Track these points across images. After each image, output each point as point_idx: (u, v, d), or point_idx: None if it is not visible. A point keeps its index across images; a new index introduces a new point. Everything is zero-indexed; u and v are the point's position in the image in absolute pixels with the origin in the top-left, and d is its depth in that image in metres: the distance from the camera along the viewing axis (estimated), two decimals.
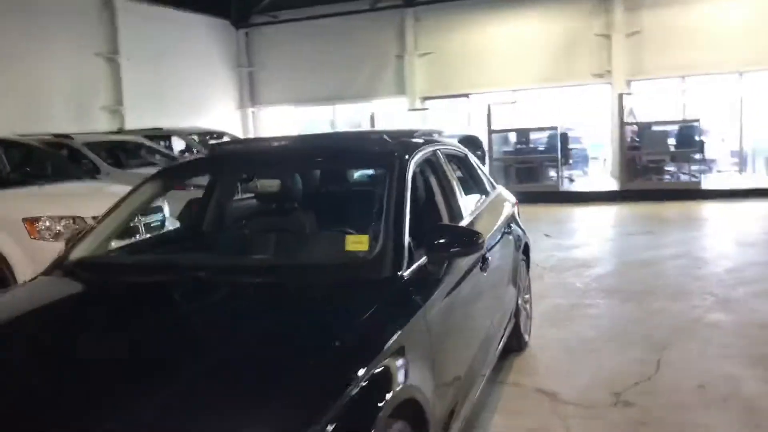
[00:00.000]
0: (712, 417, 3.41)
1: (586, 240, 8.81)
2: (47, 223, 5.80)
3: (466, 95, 16.73)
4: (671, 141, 13.18)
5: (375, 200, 2.80)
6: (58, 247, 5.88)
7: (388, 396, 1.91)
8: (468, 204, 3.61)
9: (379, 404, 1.85)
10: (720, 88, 15.14)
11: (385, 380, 1.97)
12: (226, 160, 3.47)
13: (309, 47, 16.98)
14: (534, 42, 15.30)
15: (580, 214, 11.36)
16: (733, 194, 11.85)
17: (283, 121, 18.83)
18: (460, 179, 3.69)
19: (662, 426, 3.34)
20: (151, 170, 8.98)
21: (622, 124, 13.03)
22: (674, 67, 14.27)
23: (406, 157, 2.93)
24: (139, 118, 13.56)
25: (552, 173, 13.79)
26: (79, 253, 2.96)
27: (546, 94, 15.96)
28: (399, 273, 2.42)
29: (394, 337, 2.11)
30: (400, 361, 2.09)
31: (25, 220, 5.74)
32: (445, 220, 3.20)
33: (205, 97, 16.88)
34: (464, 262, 2.95)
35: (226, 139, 12.55)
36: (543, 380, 4.00)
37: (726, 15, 13.68)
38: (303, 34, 16.86)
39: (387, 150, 3.05)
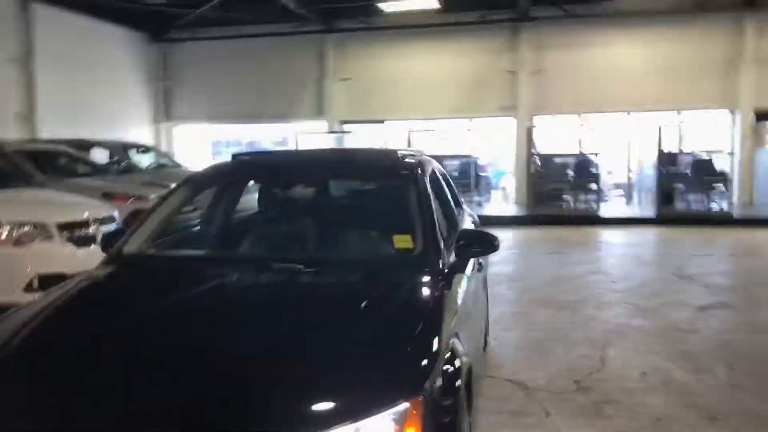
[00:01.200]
0: (658, 397, 4.11)
1: (507, 257, 9.61)
2: (8, 229, 5.77)
3: (382, 121, 17.43)
4: (570, 172, 14.48)
5: (396, 207, 3.32)
6: (21, 253, 5.89)
7: (459, 362, 2.38)
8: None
9: (458, 367, 2.32)
10: (612, 126, 16.77)
11: (456, 349, 2.43)
12: (261, 168, 3.86)
13: (228, 65, 17.10)
14: (447, 74, 16.25)
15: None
16: (626, 221, 13.24)
17: (199, 138, 18.72)
18: None
19: (621, 405, 4.00)
20: (87, 180, 8.99)
21: (529, 155, 14.16)
22: (573, 104, 15.66)
23: (429, 170, 3.45)
24: (51, 127, 13.17)
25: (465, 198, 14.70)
26: (132, 249, 3.21)
27: (456, 123, 16.99)
28: (440, 266, 2.90)
29: (452, 317, 2.60)
30: (457, 337, 2.56)
31: None
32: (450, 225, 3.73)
33: (120, 110, 16.52)
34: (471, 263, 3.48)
35: (151, 153, 12.49)
36: (510, 373, 4.58)
37: (617, 60, 15.25)
38: (223, 51, 16.95)
39: (412, 164, 3.54)
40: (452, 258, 3.07)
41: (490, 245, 3.18)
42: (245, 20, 15.95)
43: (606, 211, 14.24)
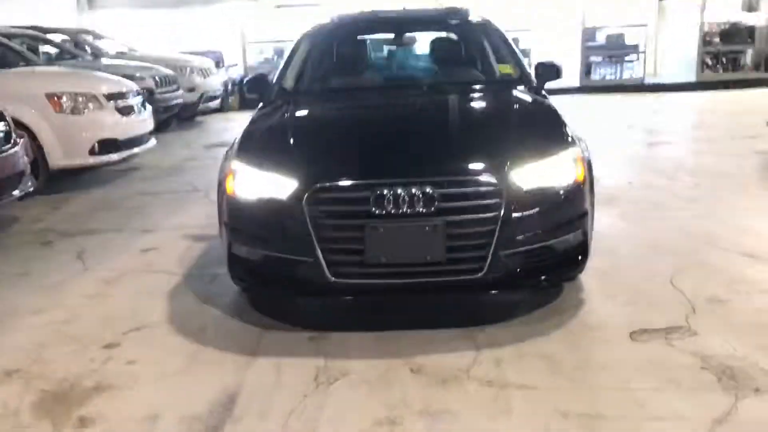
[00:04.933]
0: (648, 192, 5.54)
1: None
2: (67, 99, 6.28)
3: (317, 5, 17.67)
4: None
5: (488, 47, 4.39)
6: (78, 120, 6.43)
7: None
8: None
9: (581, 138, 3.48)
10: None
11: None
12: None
13: None
14: None
15: None
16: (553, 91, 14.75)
17: (129, 25, 18.21)
18: None
19: (622, 198, 5.38)
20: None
21: None
22: None
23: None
24: None
25: None
26: (289, 86, 4.11)
27: None
28: (534, 85, 4.03)
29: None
30: None
31: (48, 95, 6.18)
32: None
33: None
34: None
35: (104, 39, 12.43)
36: None
37: None
38: None
39: (483, 18, 4.58)
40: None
41: (557, 73, 4.29)
42: None
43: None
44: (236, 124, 12.22)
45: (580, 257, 3.11)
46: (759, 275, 3.56)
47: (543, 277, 3.02)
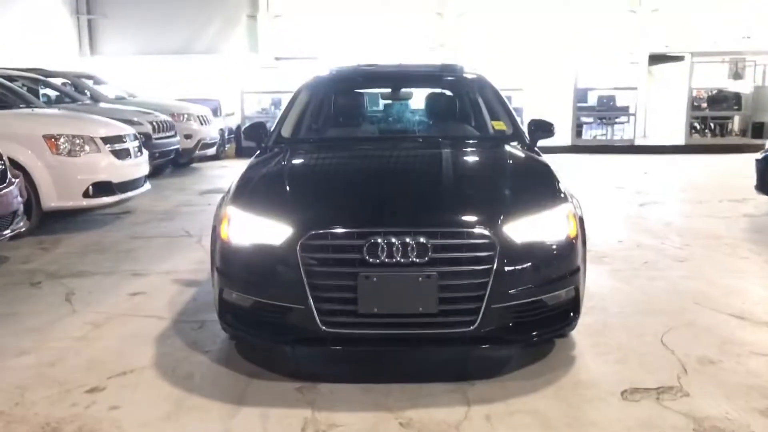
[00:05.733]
0: (637, 252, 5.58)
1: None
2: (64, 140, 6.32)
3: (316, 58, 18.07)
4: None
5: (482, 103, 4.48)
6: (74, 162, 6.44)
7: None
8: None
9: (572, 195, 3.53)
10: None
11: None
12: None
13: None
14: (379, 13, 17.15)
15: None
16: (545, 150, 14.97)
17: (127, 73, 18.48)
18: None
19: (614, 256, 5.41)
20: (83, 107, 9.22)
21: None
22: None
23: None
24: None
25: None
26: (287, 134, 4.17)
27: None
28: (527, 142, 4.11)
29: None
30: None
31: (46, 137, 6.22)
32: None
33: (43, 43, 16.12)
34: None
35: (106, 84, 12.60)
36: None
37: None
38: None
39: (477, 75, 4.69)
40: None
41: (550, 131, 4.38)
42: None
43: None
44: (232, 171, 12.33)
45: (572, 313, 3.11)
46: (749, 337, 3.56)
47: (535, 333, 3.02)
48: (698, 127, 15.72)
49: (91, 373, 3.13)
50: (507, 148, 3.94)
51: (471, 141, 4.19)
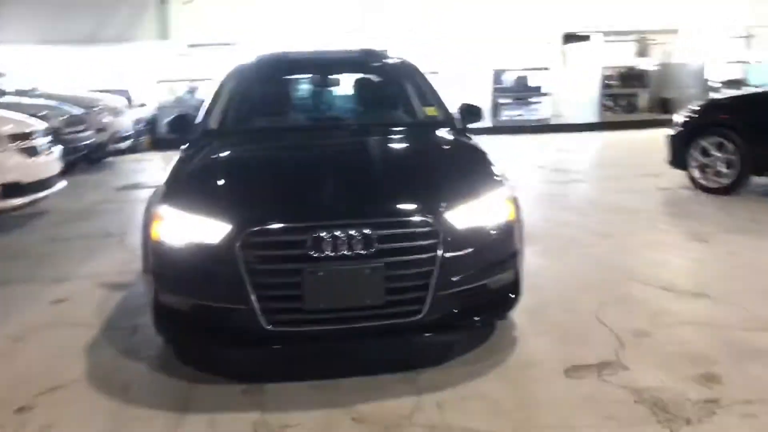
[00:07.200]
0: (564, 229, 5.74)
1: None
2: None
3: (229, 44, 17.57)
4: None
5: (411, 89, 4.46)
6: None
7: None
8: None
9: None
10: None
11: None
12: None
13: None
14: None
15: None
16: None
17: (30, 62, 17.39)
18: None
19: (540, 235, 5.55)
20: None
21: None
22: None
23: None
24: None
25: None
26: (213, 127, 4.01)
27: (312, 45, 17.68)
28: (456, 126, 4.12)
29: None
30: None
31: None
32: None
33: None
34: None
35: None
36: None
37: None
38: None
39: (404, 59, 4.67)
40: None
41: (478, 114, 4.40)
42: None
43: None
44: (149, 165, 11.90)
45: (512, 295, 3.16)
46: (678, 307, 3.73)
47: (478, 317, 3.04)
48: (610, 104, 16.34)
49: (18, 392, 2.93)
50: (440, 133, 3.94)
51: (404, 128, 4.17)
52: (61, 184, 6.97)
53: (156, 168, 11.30)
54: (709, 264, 4.61)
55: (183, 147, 3.82)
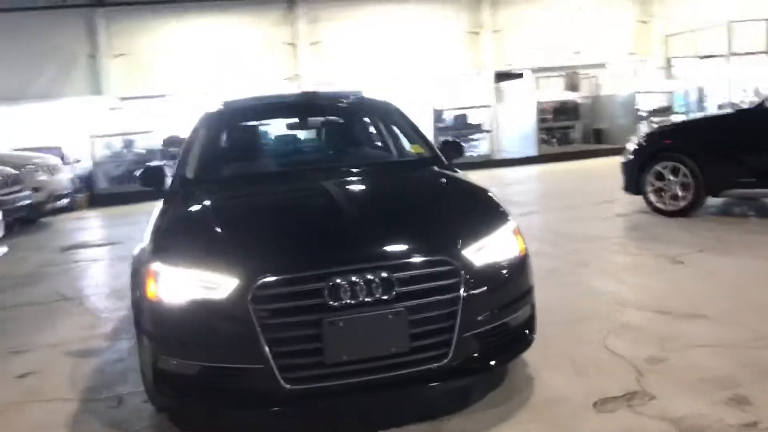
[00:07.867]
0: None
1: None
2: None
3: (164, 96, 17.21)
4: None
5: (395, 128, 4.38)
6: None
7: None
8: None
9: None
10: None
11: None
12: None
13: None
14: (228, 46, 16.71)
15: None
16: None
17: None
18: None
19: None
20: None
21: None
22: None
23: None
24: None
25: None
26: (191, 176, 3.78)
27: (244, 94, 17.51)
28: (443, 162, 4.04)
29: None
30: None
31: None
32: None
33: None
34: None
35: None
36: None
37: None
38: None
39: (384, 100, 4.59)
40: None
41: (460, 150, 4.35)
42: None
43: None
44: (90, 222, 11.35)
45: (528, 332, 3.06)
46: (682, 330, 3.71)
47: (500, 357, 2.91)
48: (546, 137, 16.81)
49: None
50: (435, 170, 3.84)
51: (395, 166, 4.06)
52: (2, 249, 6.52)
53: (98, 225, 10.79)
54: (692, 285, 4.65)
55: (163, 200, 3.57)
